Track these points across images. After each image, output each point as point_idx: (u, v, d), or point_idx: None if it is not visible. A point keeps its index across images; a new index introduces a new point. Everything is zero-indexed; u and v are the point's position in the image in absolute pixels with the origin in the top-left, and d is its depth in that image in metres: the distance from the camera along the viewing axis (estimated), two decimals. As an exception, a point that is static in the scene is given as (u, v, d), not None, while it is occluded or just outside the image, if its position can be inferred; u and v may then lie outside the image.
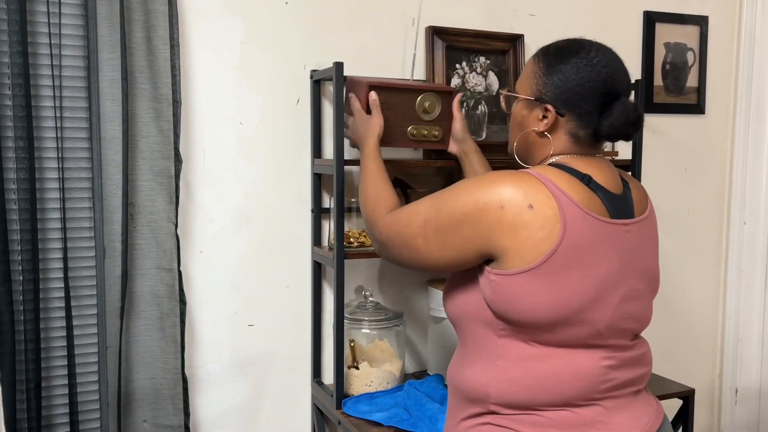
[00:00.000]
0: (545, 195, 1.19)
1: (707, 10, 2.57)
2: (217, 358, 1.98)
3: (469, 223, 1.22)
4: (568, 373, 1.22)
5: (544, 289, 1.19)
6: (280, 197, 2.02)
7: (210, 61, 1.91)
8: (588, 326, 1.22)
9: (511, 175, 1.23)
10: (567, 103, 1.27)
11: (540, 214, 1.18)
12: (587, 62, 1.25)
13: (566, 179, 1.24)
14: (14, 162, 1.66)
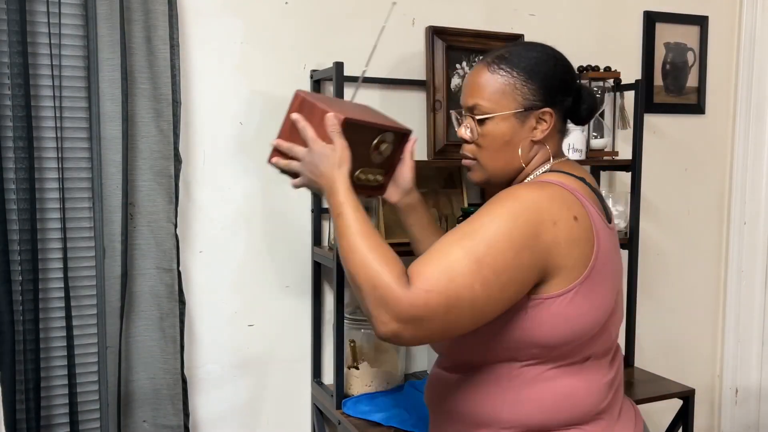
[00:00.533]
0: (579, 205, 1.13)
1: (707, 10, 2.57)
2: (216, 358, 1.98)
3: (529, 246, 1.07)
4: (582, 390, 1.17)
5: (585, 307, 1.12)
6: (280, 197, 2.02)
7: (210, 61, 1.91)
8: (607, 335, 1.20)
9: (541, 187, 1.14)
10: (555, 101, 1.25)
11: (583, 225, 1.12)
12: (550, 52, 1.26)
13: (577, 185, 1.18)
14: (14, 162, 1.66)
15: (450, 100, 2.08)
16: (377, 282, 1.06)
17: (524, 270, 1.07)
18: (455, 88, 2.08)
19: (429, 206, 2.09)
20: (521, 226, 1.07)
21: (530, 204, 1.10)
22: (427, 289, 1.04)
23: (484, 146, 1.25)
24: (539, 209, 1.09)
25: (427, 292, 1.03)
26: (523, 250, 1.07)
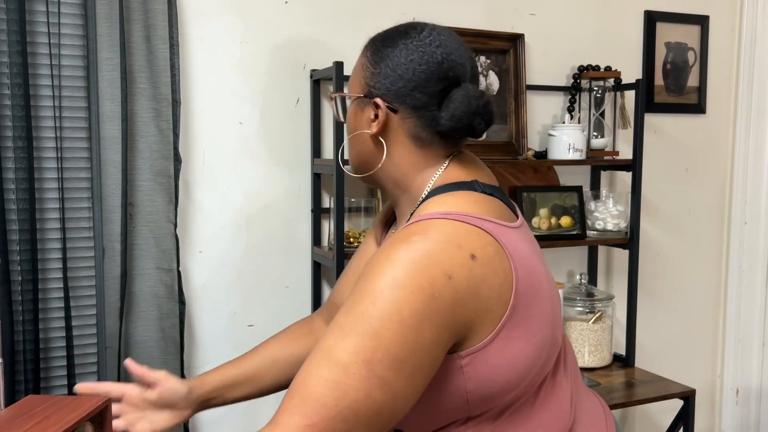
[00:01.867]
0: (474, 233, 0.92)
1: (708, 10, 2.56)
2: (216, 359, 1.98)
3: (426, 321, 0.86)
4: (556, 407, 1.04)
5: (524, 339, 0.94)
6: (280, 197, 2.01)
7: (210, 61, 1.91)
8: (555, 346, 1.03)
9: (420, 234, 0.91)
10: (399, 95, 1.02)
11: (484, 259, 0.91)
12: (418, 42, 1.02)
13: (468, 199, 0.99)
14: (13, 162, 1.66)
15: None
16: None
17: (431, 348, 0.87)
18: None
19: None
20: (410, 299, 0.86)
21: (412, 266, 0.87)
22: (309, 424, 0.83)
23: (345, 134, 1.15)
24: (425, 268, 0.87)
25: (310, 427, 0.83)
26: (421, 326, 0.86)
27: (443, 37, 1.03)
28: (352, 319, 0.86)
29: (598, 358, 2.21)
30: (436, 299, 0.86)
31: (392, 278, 0.87)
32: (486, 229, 0.94)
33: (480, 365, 0.92)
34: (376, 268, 0.89)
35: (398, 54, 1.02)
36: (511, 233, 0.97)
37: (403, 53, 1.02)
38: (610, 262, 2.48)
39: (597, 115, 2.26)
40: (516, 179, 2.24)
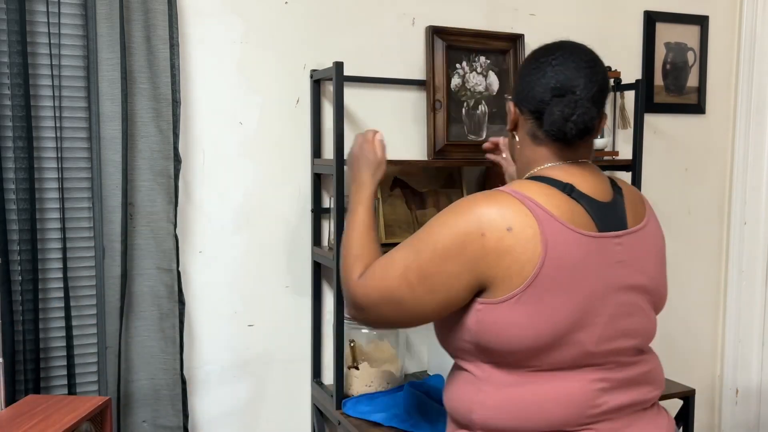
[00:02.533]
0: (523, 213, 1.13)
1: (707, 10, 2.57)
2: (216, 359, 1.98)
3: (453, 257, 1.14)
4: (552, 399, 1.16)
5: (528, 316, 1.12)
6: (280, 197, 2.01)
7: (210, 61, 1.91)
8: (575, 348, 1.15)
9: (485, 196, 1.18)
10: (524, 101, 1.26)
11: (520, 235, 1.12)
12: (544, 59, 1.23)
13: (545, 191, 1.17)
14: (13, 162, 1.66)
15: (450, 99, 2.07)
16: (346, 273, 1.31)
17: (451, 277, 1.15)
18: (455, 87, 2.08)
19: (429, 205, 2.09)
20: (450, 236, 1.15)
21: (462, 213, 1.17)
22: (367, 284, 1.24)
23: None
24: (468, 221, 1.15)
25: (366, 287, 1.24)
26: (447, 260, 1.15)
27: (568, 56, 1.23)
28: (412, 238, 1.22)
29: (598, 358, 2.21)
30: (465, 246, 1.13)
31: (444, 218, 1.18)
32: (535, 215, 1.13)
33: (488, 315, 1.14)
34: (444, 210, 1.21)
35: (527, 67, 1.26)
36: (565, 232, 1.13)
37: (530, 67, 1.25)
38: (610, 262, 2.48)
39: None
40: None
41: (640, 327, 1.22)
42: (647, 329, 1.25)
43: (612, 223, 1.20)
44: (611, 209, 1.22)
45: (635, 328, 1.21)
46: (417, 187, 2.08)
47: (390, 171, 2.06)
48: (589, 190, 1.21)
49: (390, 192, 2.05)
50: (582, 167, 1.24)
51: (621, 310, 1.19)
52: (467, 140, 2.09)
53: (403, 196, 2.07)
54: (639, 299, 1.22)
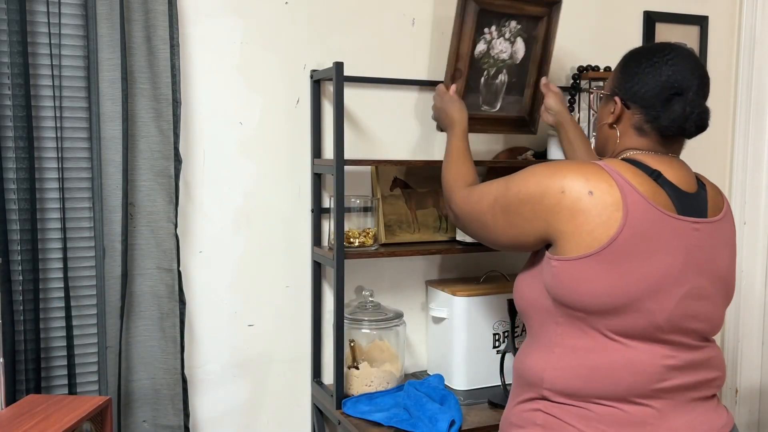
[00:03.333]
0: (608, 183, 1.24)
1: (707, 10, 2.57)
2: (217, 358, 1.98)
3: (531, 203, 1.29)
4: (622, 367, 1.23)
5: (603, 274, 1.22)
6: (280, 197, 2.02)
7: (210, 61, 1.91)
8: (646, 316, 1.23)
9: (578, 163, 1.30)
10: (632, 97, 1.34)
11: (599, 200, 1.22)
12: (657, 59, 1.33)
13: (633, 172, 1.28)
14: (14, 162, 1.66)
15: (471, 68, 1.95)
16: (450, 185, 1.62)
17: (524, 220, 1.31)
18: (479, 54, 1.95)
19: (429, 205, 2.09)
20: (532, 186, 1.29)
21: (552, 171, 1.29)
22: (466, 200, 1.50)
23: None
24: (553, 176, 1.27)
25: (465, 201, 1.50)
26: (525, 204, 1.30)
27: (678, 56, 1.34)
28: (510, 176, 1.37)
29: (598, 357, 2.21)
30: (544, 198, 1.27)
31: (537, 169, 1.32)
32: (619, 185, 1.23)
33: (565, 272, 1.25)
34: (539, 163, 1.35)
35: (638, 66, 1.34)
36: (645, 206, 1.23)
37: (641, 66, 1.33)
38: (610, 262, 2.48)
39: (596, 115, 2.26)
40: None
41: (709, 313, 1.29)
42: (716, 317, 1.32)
43: (692, 211, 1.29)
44: (694, 199, 1.31)
45: (704, 313, 1.28)
46: (417, 187, 2.09)
47: (390, 171, 2.06)
48: (675, 179, 1.30)
49: (390, 192, 2.05)
50: (671, 160, 1.35)
51: (694, 292, 1.26)
52: (480, 111, 2.01)
53: (403, 196, 2.07)
54: (712, 286, 1.29)
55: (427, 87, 2.13)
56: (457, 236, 2.05)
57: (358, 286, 2.12)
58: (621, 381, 1.23)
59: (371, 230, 1.95)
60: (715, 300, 1.31)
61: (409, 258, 2.16)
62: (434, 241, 2.09)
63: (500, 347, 2.02)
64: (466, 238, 2.00)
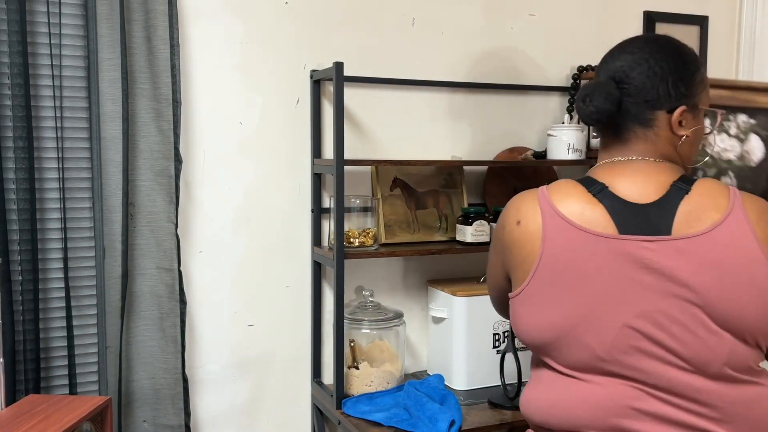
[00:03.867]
0: (534, 210, 1.16)
1: (707, 10, 2.57)
2: (217, 358, 1.98)
3: (495, 247, 1.27)
4: (575, 401, 1.14)
5: (531, 310, 1.15)
6: (280, 197, 2.02)
7: (210, 61, 1.91)
8: (585, 351, 1.12)
9: (523, 192, 1.23)
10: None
11: (525, 230, 1.16)
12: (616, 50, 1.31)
13: (568, 189, 1.16)
14: (14, 162, 1.66)
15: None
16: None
17: (495, 266, 1.28)
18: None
19: (429, 205, 2.09)
20: (496, 229, 1.26)
21: (504, 209, 1.25)
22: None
23: None
24: (504, 214, 1.24)
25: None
26: (494, 248, 1.28)
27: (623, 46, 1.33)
28: None
29: (598, 357, 2.21)
30: (497, 238, 1.25)
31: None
32: (543, 211, 1.15)
33: (512, 309, 1.20)
34: None
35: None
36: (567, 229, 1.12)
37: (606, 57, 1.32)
38: (610, 262, 2.48)
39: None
40: (516, 179, 2.24)
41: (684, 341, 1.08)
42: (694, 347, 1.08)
43: (642, 227, 1.11)
44: (647, 211, 1.13)
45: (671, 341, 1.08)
46: (417, 187, 2.09)
47: (390, 171, 2.06)
48: (624, 189, 1.15)
49: (390, 192, 2.05)
50: (629, 165, 1.18)
51: (648, 320, 1.09)
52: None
53: (403, 196, 2.07)
54: (684, 313, 1.08)
55: (428, 87, 2.13)
56: (457, 236, 2.05)
57: (358, 286, 2.12)
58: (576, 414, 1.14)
59: (371, 230, 1.95)
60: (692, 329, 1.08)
61: (409, 258, 2.16)
62: (434, 241, 2.09)
63: (500, 347, 2.02)
64: (466, 238, 2.00)
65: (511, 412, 1.84)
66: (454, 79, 2.16)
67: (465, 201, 2.13)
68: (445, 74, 2.16)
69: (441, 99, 2.16)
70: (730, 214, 1.10)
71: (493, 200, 2.20)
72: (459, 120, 2.19)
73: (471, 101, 2.20)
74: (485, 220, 2.01)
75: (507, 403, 1.86)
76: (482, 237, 2.00)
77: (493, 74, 2.23)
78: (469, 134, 2.21)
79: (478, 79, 2.20)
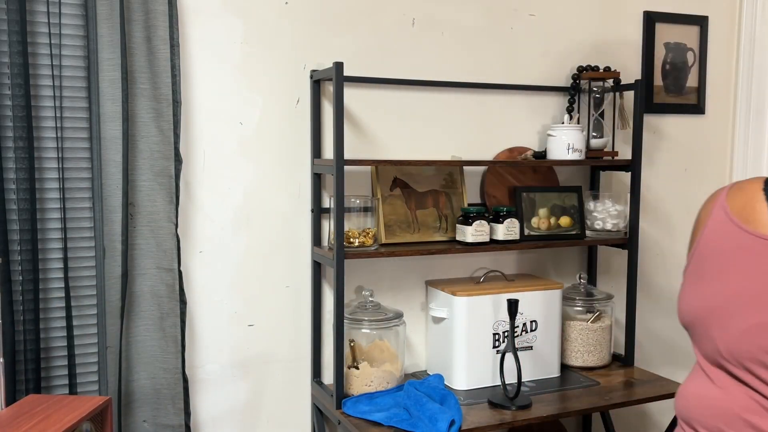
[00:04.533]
0: (712, 199, 1.20)
1: (707, 10, 2.57)
2: (217, 358, 1.98)
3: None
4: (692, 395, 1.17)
5: (683, 289, 1.21)
6: (280, 197, 2.02)
7: (210, 61, 1.91)
8: (710, 343, 1.12)
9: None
10: None
11: (699, 216, 1.22)
12: None
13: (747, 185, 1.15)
14: (14, 162, 1.66)
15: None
16: None
17: None
18: None
19: (429, 206, 2.09)
20: None
21: None
22: None
23: None
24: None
25: None
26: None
27: None
28: None
29: (598, 357, 2.21)
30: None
31: None
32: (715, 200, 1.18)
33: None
34: None
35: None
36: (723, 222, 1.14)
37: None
38: (610, 262, 2.48)
39: (596, 115, 2.26)
40: (516, 179, 2.24)
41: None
42: None
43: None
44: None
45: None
46: (417, 187, 2.09)
47: (390, 171, 2.06)
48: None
49: (390, 192, 2.06)
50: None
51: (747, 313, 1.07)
52: None
53: (403, 196, 2.07)
54: None
55: (428, 87, 2.13)
56: (456, 236, 2.05)
57: (358, 286, 2.12)
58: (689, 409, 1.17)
59: (371, 230, 1.95)
60: None
61: (409, 258, 2.16)
62: (434, 241, 2.09)
63: (500, 347, 2.02)
64: (466, 238, 2.00)
65: (511, 412, 1.84)
66: (454, 79, 2.17)
67: (465, 201, 2.13)
68: (445, 74, 2.16)
69: (441, 99, 2.17)
70: None
71: (493, 200, 2.20)
72: (459, 120, 2.19)
73: (471, 101, 2.21)
74: (485, 220, 2.01)
75: (507, 403, 1.86)
76: (482, 237, 2.00)
77: (493, 74, 2.23)
78: (469, 134, 2.21)
79: (478, 79, 2.20)
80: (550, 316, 2.12)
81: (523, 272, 2.32)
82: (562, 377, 2.13)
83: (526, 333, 2.08)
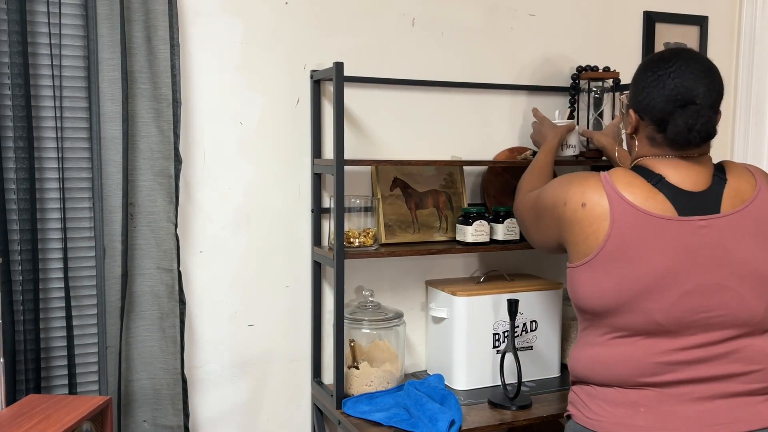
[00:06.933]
0: (599, 195, 1.36)
1: (707, 10, 2.57)
2: (217, 358, 1.98)
3: (548, 213, 1.48)
4: (615, 361, 1.38)
5: (595, 279, 1.36)
6: (280, 197, 2.02)
7: (210, 61, 1.91)
8: (644, 315, 1.33)
9: (582, 176, 1.43)
10: (643, 109, 1.41)
11: (590, 212, 1.36)
12: (661, 72, 1.37)
13: (630, 179, 1.38)
14: (14, 162, 1.66)
15: None
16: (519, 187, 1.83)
17: (546, 227, 1.51)
18: None
19: (429, 205, 2.10)
20: (551, 197, 1.48)
21: (564, 183, 1.45)
22: (519, 204, 1.74)
23: None
24: (561, 189, 1.44)
25: (518, 205, 1.74)
26: (545, 212, 1.50)
27: (684, 67, 1.36)
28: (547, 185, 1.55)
29: (598, 357, 2.21)
30: (554, 208, 1.46)
31: (558, 181, 1.50)
32: (609, 197, 1.35)
33: (571, 277, 1.42)
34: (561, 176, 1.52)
35: (648, 81, 1.39)
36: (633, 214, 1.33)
37: (651, 81, 1.38)
38: (610, 262, 2.48)
39: (596, 115, 2.26)
40: (516, 179, 2.24)
41: (728, 306, 1.33)
42: (739, 309, 1.33)
43: (699, 209, 1.35)
44: (701, 198, 1.36)
45: (720, 307, 1.33)
46: (417, 187, 2.09)
47: (390, 171, 2.06)
48: (679, 180, 1.37)
49: (390, 192, 2.05)
50: (680, 161, 1.39)
51: (701, 288, 1.32)
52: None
53: (403, 196, 2.07)
54: (732, 279, 1.33)
55: (428, 87, 2.13)
56: (457, 236, 2.05)
57: (358, 286, 2.12)
58: (615, 372, 1.38)
59: (371, 230, 1.95)
60: (739, 291, 1.33)
61: (409, 258, 2.16)
62: (434, 241, 2.09)
63: (500, 347, 2.02)
64: (466, 238, 2.00)
65: (511, 412, 1.84)
66: (454, 79, 2.17)
67: (465, 201, 2.13)
68: (445, 74, 2.16)
69: (441, 99, 2.17)
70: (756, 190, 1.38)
71: (493, 200, 2.20)
72: (459, 120, 2.19)
73: (471, 101, 2.21)
74: (485, 220, 2.01)
75: (507, 403, 1.86)
76: (482, 237, 2.00)
77: (493, 74, 2.23)
78: (469, 134, 2.21)
79: (478, 79, 2.20)
80: (550, 316, 2.12)
81: (523, 272, 2.32)
82: (563, 377, 2.13)
83: (526, 333, 2.08)
